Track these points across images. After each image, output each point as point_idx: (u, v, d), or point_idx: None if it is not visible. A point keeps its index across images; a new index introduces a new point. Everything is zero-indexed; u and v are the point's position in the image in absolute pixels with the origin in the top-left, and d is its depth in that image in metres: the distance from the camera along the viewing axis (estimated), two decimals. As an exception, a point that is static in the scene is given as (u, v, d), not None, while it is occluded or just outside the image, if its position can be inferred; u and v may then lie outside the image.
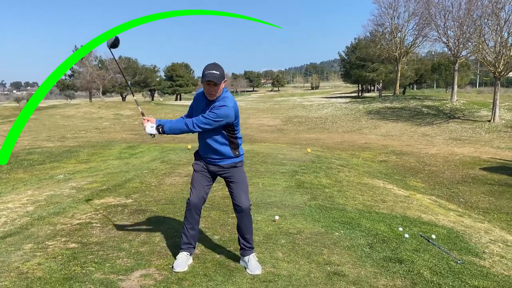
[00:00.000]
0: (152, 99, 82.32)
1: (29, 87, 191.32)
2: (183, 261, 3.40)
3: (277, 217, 4.88)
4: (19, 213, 5.46)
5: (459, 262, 3.90)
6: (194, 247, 3.58)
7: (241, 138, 3.58)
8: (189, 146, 13.61)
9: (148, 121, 3.36)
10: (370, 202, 6.69)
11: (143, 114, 3.49)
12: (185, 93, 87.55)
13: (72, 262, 3.51)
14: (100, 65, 63.60)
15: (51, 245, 3.98)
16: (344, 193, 7.11)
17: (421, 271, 3.57)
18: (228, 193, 3.74)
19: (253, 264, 3.40)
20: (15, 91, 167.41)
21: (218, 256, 3.70)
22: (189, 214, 3.48)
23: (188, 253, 3.49)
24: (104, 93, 65.05)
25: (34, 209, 5.66)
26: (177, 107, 47.73)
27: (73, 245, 3.98)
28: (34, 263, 3.49)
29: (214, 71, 3.18)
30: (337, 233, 4.48)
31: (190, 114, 3.55)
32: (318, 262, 3.63)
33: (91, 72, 58.81)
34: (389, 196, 7.51)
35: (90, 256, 3.64)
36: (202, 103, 3.38)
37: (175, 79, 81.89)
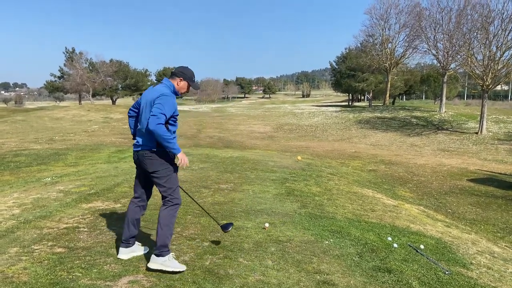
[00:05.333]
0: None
1: (17, 88, 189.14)
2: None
3: (267, 225, 4.86)
4: (4, 216, 5.35)
5: (447, 272, 3.93)
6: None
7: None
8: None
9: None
10: (360, 211, 6.72)
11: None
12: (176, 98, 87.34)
13: (58, 267, 3.45)
14: (90, 67, 63.15)
15: (37, 249, 3.91)
16: (334, 202, 7.13)
17: (410, 281, 3.59)
18: (218, 199, 3.82)
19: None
20: (3, 92, 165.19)
21: (207, 263, 3.67)
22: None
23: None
24: (94, 96, 64.54)
25: (20, 212, 5.56)
26: (167, 111, 47.49)
27: (60, 249, 3.91)
28: (19, 267, 3.42)
29: None
30: (327, 242, 4.49)
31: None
32: (308, 271, 3.62)
33: (81, 74, 58.37)
34: (378, 206, 7.54)
35: (77, 261, 3.59)
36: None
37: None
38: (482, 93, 27.49)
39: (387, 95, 46.17)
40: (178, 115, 3.62)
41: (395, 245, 4.59)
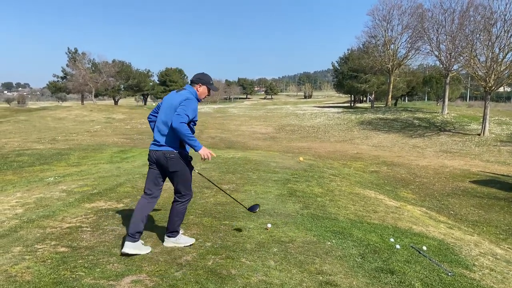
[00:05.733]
0: (145, 104, 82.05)
1: (20, 88, 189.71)
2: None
3: (269, 225, 4.87)
4: (8, 215, 5.37)
5: (449, 274, 3.92)
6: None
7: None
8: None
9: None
10: (362, 212, 6.71)
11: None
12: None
13: (61, 266, 3.46)
14: (93, 68, 63.31)
15: (40, 248, 3.92)
16: (336, 203, 7.13)
17: (413, 282, 3.58)
18: (220, 200, 3.96)
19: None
20: (6, 92, 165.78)
21: (210, 263, 3.67)
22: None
23: None
24: (96, 96, 64.71)
25: (24, 211, 5.58)
26: (169, 112, 47.56)
27: (63, 249, 3.92)
28: (22, 267, 3.44)
29: None
30: (329, 243, 4.49)
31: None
32: (310, 271, 3.62)
33: (84, 74, 58.54)
34: (380, 207, 7.54)
35: (80, 261, 3.59)
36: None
37: (168, 84, 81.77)
38: (484, 94, 27.45)
39: (389, 96, 46.13)
40: (197, 120, 3.87)
41: (398, 246, 4.58)
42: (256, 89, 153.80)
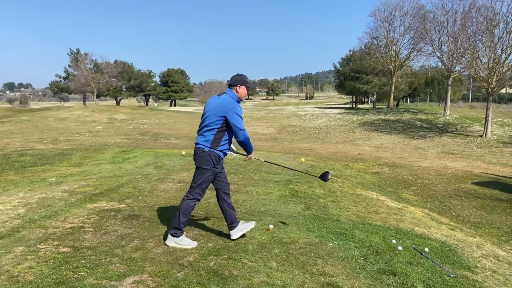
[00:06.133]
0: (147, 104, 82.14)
1: (22, 88, 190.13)
2: None
3: (271, 226, 4.86)
4: (10, 215, 5.39)
5: (452, 276, 3.92)
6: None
7: None
8: (183, 152, 13.55)
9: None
10: (364, 213, 6.71)
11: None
12: (180, 99, 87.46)
13: (64, 266, 3.47)
14: (95, 68, 63.43)
15: (42, 248, 3.93)
16: (338, 204, 7.12)
17: (415, 284, 3.58)
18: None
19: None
20: (8, 92, 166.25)
21: (212, 264, 3.67)
22: None
23: None
24: (98, 97, 64.83)
25: (26, 211, 5.59)
26: (171, 112, 47.66)
27: (65, 249, 3.93)
28: (25, 267, 3.44)
29: None
30: (331, 244, 4.48)
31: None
32: (312, 273, 3.62)
33: (86, 75, 58.66)
34: (382, 208, 7.53)
35: (82, 261, 3.60)
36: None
37: (170, 85, 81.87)
38: (487, 96, 27.39)
39: (391, 97, 46.06)
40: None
41: (400, 247, 4.57)
42: (257, 89, 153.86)
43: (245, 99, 4.24)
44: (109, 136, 24.46)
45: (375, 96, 55.92)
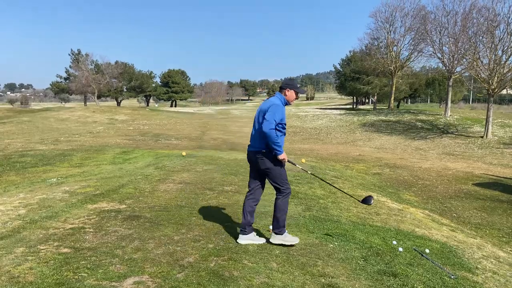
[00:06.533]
0: (147, 105, 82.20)
1: (23, 89, 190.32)
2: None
3: (271, 227, 4.85)
4: (10, 216, 5.39)
5: (452, 277, 3.91)
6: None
7: None
8: (184, 153, 13.58)
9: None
10: (364, 214, 6.70)
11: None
12: (180, 99, 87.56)
13: (64, 267, 3.47)
14: (96, 69, 63.50)
15: (43, 249, 3.93)
16: (338, 205, 7.12)
17: (415, 285, 3.57)
18: (222, 201, 4.05)
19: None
20: (9, 93, 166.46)
21: (212, 265, 3.67)
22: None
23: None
24: (99, 97, 64.91)
25: (26, 212, 5.60)
26: (172, 113, 47.70)
27: (66, 250, 3.93)
28: (25, 267, 3.44)
29: None
30: (332, 245, 4.48)
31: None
32: (313, 274, 3.61)
33: (87, 76, 58.73)
34: (383, 209, 7.52)
35: (83, 262, 3.60)
36: None
37: (171, 86, 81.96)
38: (487, 97, 27.38)
39: (392, 98, 46.06)
40: (285, 123, 4.21)
41: (400, 249, 4.57)
42: (258, 90, 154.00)
43: (292, 102, 4.36)
44: (109, 137, 24.48)
45: (375, 97, 55.90)
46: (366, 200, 4.70)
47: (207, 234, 4.60)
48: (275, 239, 4.26)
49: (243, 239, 4.30)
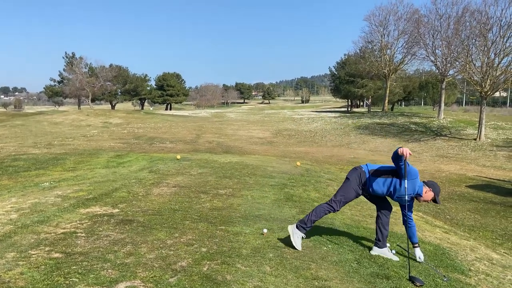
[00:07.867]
0: (142, 108, 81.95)
1: (17, 92, 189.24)
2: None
3: (265, 230, 4.85)
4: (2, 220, 5.34)
5: (445, 279, 3.92)
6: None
7: None
8: (178, 156, 13.54)
9: None
10: (358, 217, 6.71)
11: None
12: (175, 103, 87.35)
13: (55, 272, 3.43)
14: (90, 72, 63.26)
15: (34, 254, 3.89)
16: (332, 208, 7.11)
17: (408, 288, 3.58)
18: (216, 205, 3.93)
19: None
20: (2, 96, 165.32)
21: (205, 269, 3.65)
22: None
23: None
24: (93, 101, 64.61)
25: (18, 217, 5.54)
26: (166, 116, 47.60)
27: (57, 254, 3.89)
28: (16, 272, 3.41)
29: None
30: (325, 248, 4.48)
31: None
32: (306, 277, 3.61)
33: (81, 79, 58.49)
34: (377, 212, 7.53)
35: (74, 267, 3.57)
36: None
37: (166, 89, 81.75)
38: (480, 99, 27.60)
39: (386, 101, 46.30)
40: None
41: (393, 251, 4.57)
42: (253, 93, 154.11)
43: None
44: (103, 141, 24.36)
45: (370, 100, 56.14)
46: (416, 280, 3.73)
47: (200, 238, 4.57)
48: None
49: (375, 251, 4.51)
